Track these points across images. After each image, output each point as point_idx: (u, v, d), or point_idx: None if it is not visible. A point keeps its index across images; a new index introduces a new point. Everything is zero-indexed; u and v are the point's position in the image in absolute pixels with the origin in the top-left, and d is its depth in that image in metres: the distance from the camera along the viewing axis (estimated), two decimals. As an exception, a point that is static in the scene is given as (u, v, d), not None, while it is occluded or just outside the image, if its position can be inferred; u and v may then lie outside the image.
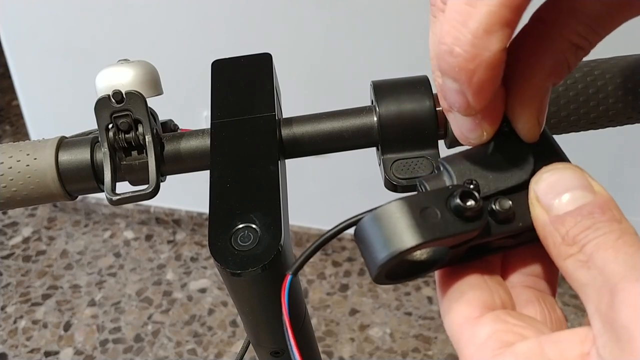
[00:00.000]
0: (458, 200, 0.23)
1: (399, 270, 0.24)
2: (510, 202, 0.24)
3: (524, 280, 0.26)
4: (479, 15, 0.22)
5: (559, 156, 0.26)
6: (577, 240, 0.22)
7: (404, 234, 0.22)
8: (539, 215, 0.24)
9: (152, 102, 0.40)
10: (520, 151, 0.25)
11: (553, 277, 0.27)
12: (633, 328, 0.19)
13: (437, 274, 0.26)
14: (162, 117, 0.42)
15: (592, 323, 0.21)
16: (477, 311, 0.24)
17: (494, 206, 0.24)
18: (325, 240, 0.25)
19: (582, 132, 0.41)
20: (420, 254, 0.25)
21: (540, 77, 0.25)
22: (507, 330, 0.23)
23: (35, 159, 0.39)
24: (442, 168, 0.25)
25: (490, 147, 0.25)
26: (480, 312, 0.24)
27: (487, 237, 0.24)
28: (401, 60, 1.45)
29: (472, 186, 0.24)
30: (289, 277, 0.26)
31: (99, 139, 0.39)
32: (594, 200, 0.23)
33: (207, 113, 0.77)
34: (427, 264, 0.25)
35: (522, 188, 0.25)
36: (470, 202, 0.23)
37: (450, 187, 0.24)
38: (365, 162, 0.76)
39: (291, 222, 0.37)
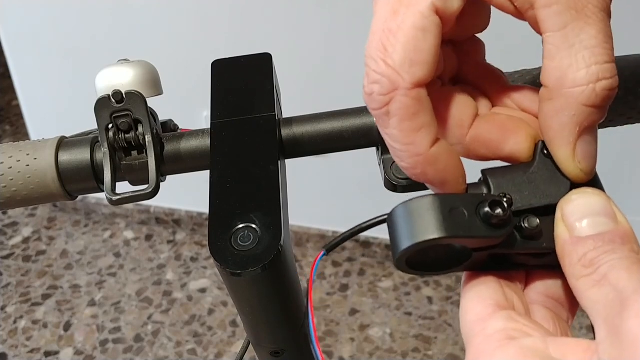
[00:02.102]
0: (487, 208, 0.24)
1: (422, 260, 0.26)
2: (538, 221, 0.25)
3: (544, 300, 0.27)
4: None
5: (594, 184, 0.27)
6: (593, 262, 0.23)
7: (429, 226, 0.24)
8: (561, 234, 0.24)
9: (152, 102, 0.40)
10: (558, 174, 0.26)
11: (573, 307, 0.28)
12: (637, 332, 0.20)
13: (463, 277, 0.27)
14: (162, 117, 0.42)
15: (597, 332, 0.22)
16: (490, 309, 0.25)
17: (522, 222, 0.25)
18: (363, 229, 0.28)
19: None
20: (443, 250, 0.26)
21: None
22: (516, 328, 0.23)
23: (35, 159, 0.39)
24: (483, 178, 0.27)
25: (533, 166, 0.27)
26: (493, 310, 0.25)
27: (510, 249, 0.25)
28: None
29: (505, 199, 0.25)
30: (322, 253, 0.28)
31: (99, 139, 0.39)
32: (616, 228, 0.24)
33: (207, 113, 0.77)
34: (449, 262, 0.26)
35: (554, 211, 0.26)
36: (498, 211, 0.24)
37: (484, 194, 0.26)
38: (365, 162, 0.76)
39: (291, 222, 0.37)
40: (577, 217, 0.24)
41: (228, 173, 0.35)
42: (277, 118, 0.39)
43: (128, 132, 0.39)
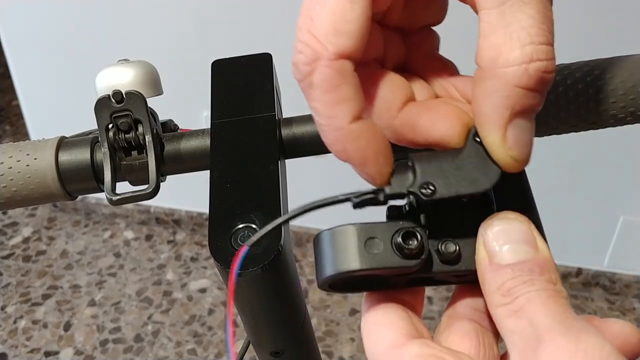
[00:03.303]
0: (400, 240, 0.25)
1: (343, 283, 0.27)
2: (457, 247, 0.26)
3: (469, 313, 0.27)
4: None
5: (522, 193, 0.28)
6: (511, 292, 0.23)
7: (347, 258, 0.25)
8: (481, 259, 0.24)
9: (152, 102, 0.40)
10: (488, 162, 0.26)
11: None
12: None
13: (364, 302, 0.27)
14: (162, 117, 0.42)
15: None
16: (402, 337, 0.24)
17: (440, 247, 0.26)
18: (293, 217, 0.27)
19: (581, 133, 0.41)
20: (363, 275, 0.26)
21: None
22: (432, 354, 0.23)
23: (35, 159, 0.39)
24: (410, 163, 0.26)
25: (462, 152, 0.26)
26: (406, 339, 0.24)
27: (428, 273, 0.26)
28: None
29: (429, 190, 0.25)
30: (245, 249, 0.27)
31: (99, 139, 0.39)
32: (535, 257, 0.24)
33: (207, 113, 0.77)
34: (370, 284, 0.27)
35: (475, 232, 0.26)
36: (412, 243, 0.25)
37: (400, 223, 0.26)
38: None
39: (291, 222, 0.37)
40: (498, 243, 0.24)
41: (228, 173, 0.35)
42: (277, 118, 0.39)
43: (128, 132, 0.39)
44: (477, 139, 0.26)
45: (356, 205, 0.27)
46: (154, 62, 0.42)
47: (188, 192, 1.72)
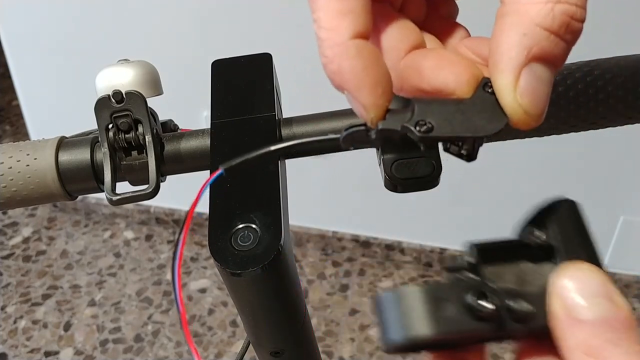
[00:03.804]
0: (472, 301, 0.22)
1: (412, 347, 0.25)
2: (531, 307, 0.23)
3: None
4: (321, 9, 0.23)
5: (588, 246, 0.25)
6: (595, 352, 0.21)
7: (419, 322, 0.22)
8: (556, 311, 0.22)
9: (152, 102, 0.40)
10: (496, 109, 0.23)
11: None
12: None
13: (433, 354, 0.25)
14: (162, 117, 0.42)
15: None
16: None
17: (510, 304, 0.23)
18: (279, 148, 0.26)
19: (581, 132, 0.41)
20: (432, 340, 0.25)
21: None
22: None
23: (35, 159, 0.39)
24: (410, 104, 0.24)
25: (469, 100, 0.24)
26: None
27: (500, 333, 0.23)
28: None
29: (426, 127, 0.23)
30: (219, 171, 0.26)
31: (99, 139, 0.39)
32: (617, 314, 0.21)
33: (207, 113, 0.77)
34: (437, 345, 0.25)
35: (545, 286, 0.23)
36: (486, 305, 0.22)
37: (464, 279, 0.23)
38: (365, 162, 0.76)
39: (291, 222, 0.37)
40: (574, 296, 0.22)
41: (228, 173, 0.35)
42: (277, 118, 0.39)
43: (128, 132, 0.39)
44: (489, 90, 0.24)
45: (345, 140, 0.25)
46: (154, 62, 0.42)
47: (188, 192, 1.71)
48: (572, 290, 0.22)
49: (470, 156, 0.25)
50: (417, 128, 0.23)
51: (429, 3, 0.29)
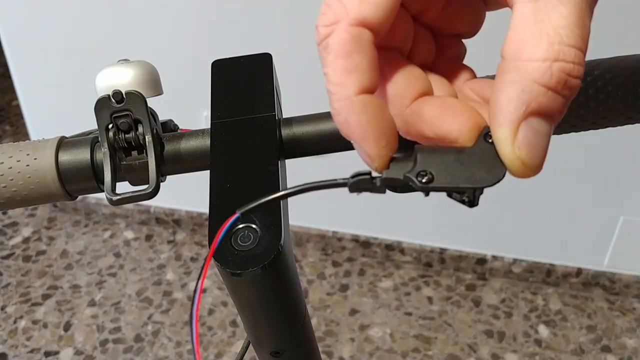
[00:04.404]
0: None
1: None
2: None
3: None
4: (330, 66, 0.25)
5: None
6: None
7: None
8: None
9: (152, 102, 0.40)
10: (496, 160, 0.25)
11: None
12: None
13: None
14: (162, 117, 0.42)
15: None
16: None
17: None
18: (288, 194, 0.27)
19: (581, 132, 0.41)
20: None
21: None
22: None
23: (35, 159, 0.39)
24: (413, 153, 0.26)
25: (470, 149, 0.25)
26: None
27: None
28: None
29: (427, 179, 0.25)
30: (236, 215, 0.27)
31: (99, 139, 0.39)
32: None
33: (207, 113, 0.77)
34: None
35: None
36: None
37: None
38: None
39: (291, 222, 0.37)
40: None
41: (228, 173, 0.35)
42: (277, 118, 0.39)
43: (128, 132, 0.39)
44: (489, 140, 0.25)
45: (352, 187, 0.26)
46: (154, 62, 0.42)
47: (188, 192, 1.72)
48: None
49: (472, 203, 0.26)
50: (419, 178, 0.25)
51: (437, 45, 0.30)
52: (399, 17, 0.27)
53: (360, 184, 0.26)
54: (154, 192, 0.39)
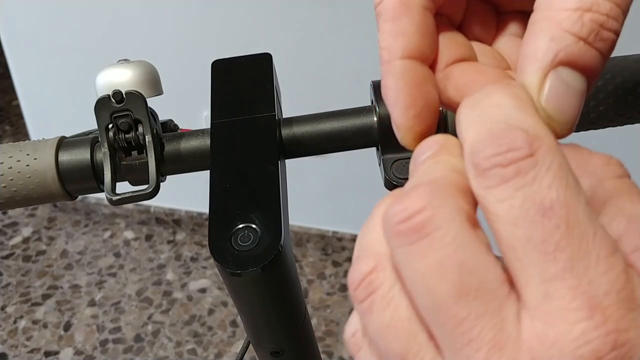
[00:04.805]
0: None
1: None
2: None
3: None
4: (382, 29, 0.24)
5: None
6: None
7: None
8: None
9: (152, 102, 0.40)
10: None
11: None
12: None
13: None
14: (162, 117, 0.42)
15: None
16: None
17: None
18: None
19: (581, 132, 0.41)
20: None
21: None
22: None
23: (35, 159, 0.39)
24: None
25: None
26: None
27: None
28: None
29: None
30: None
31: (99, 139, 0.39)
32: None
33: (207, 113, 0.77)
34: None
35: None
36: None
37: None
38: (365, 162, 0.76)
39: (291, 222, 0.37)
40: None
41: (228, 173, 0.35)
42: (277, 118, 0.39)
43: (128, 132, 0.39)
44: None
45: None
46: (154, 62, 0.42)
47: (188, 192, 1.72)
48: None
49: None
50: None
51: (499, 22, 0.29)
52: None
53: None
54: (154, 192, 0.39)
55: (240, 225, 0.32)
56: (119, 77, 0.40)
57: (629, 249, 0.18)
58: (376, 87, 0.39)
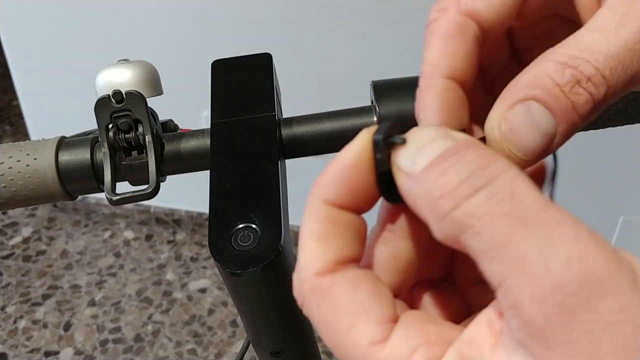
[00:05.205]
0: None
1: None
2: None
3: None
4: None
5: None
6: (447, 190, 0.18)
7: None
8: (403, 184, 0.20)
9: (152, 102, 0.40)
10: None
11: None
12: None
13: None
14: (162, 117, 0.42)
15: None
16: (384, 330, 0.19)
17: None
18: None
19: (581, 132, 0.41)
20: None
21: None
22: (427, 341, 0.19)
23: (35, 159, 0.39)
24: None
25: None
26: (387, 330, 0.20)
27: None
28: (401, 60, 1.45)
29: None
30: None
31: (99, 139, 0.39)
32: (455, 145, 0.20)
33: (207, 113, 0.77)
34: None
35: None
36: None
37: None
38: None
39: (291, 222, 0.37)
40: (410, 156, 0.20)
41: (228, 173, 0.35)
42: (277, 118, 0.39)
43: (128, 132, 0.39)
44: None
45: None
46: (154, 62, 0.42)
47: (188, 192, 1.72)
48: (404, 155, 0.21)
49: None
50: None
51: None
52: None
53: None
54: (154, 192, 0.39)
55: (240, 225, 0.32)
56: (119, 77, 0.40)
57: None
58: (376, 87, 0.39)
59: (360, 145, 0.22)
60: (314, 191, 0.22)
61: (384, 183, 0.22)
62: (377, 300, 0.20)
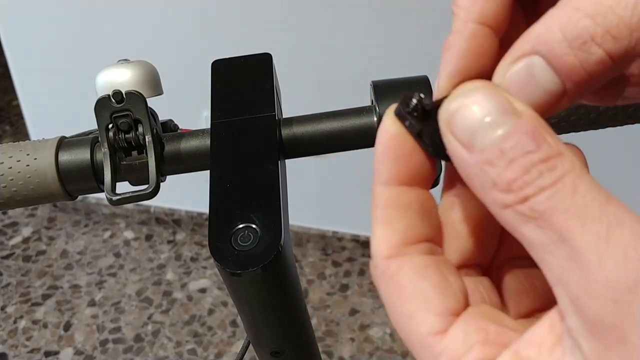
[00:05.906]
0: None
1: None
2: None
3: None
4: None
5: None
6: (514, 188, 0.18)
7: None
8: (458, 153, 0.20)
9: (152, 102, 0.40)
10: None
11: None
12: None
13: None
14: (162, 117, 0.42)
15: (559, 301, 0.18)
16: (443, 322, 0.20)
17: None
18: None
19: (581, 132, 0.41)
20: None
21: None
22: (484, 340, 0.19)
23: (35, 159, 0.39)
24: None
25: None
26: (447, 323, 0.20)
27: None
28: (401, 60, 1.45)
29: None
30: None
31: (99, 139, 0.39)
32: (519, 125, 0.19)
33: (207, 113, 0.77)
34: None
35: None
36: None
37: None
38: (365, 162, 0.76)
39: (291, 222, 0.37)
40: (468, 129, 0.19)
41: (228, 173, 0.35)
42: (277, 118, 0.39)
43: (128, 132, 0.39)
44: None
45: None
46: (154, 62, 0.42)
47: (188, 192, 1.72)
48: (461, 125, 0.20)
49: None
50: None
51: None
52: None
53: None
54: (154, 192, 0.39)
55: (240, 225, 0.32)
56: (119, 77, 0.40)
57: None
58: (376, 87, 0.39)
59: (389, 118, 0.22)
60: (373, 179, 0.22)
61: (429, 144, 0.22)
62: (441, 291, 0.20)
